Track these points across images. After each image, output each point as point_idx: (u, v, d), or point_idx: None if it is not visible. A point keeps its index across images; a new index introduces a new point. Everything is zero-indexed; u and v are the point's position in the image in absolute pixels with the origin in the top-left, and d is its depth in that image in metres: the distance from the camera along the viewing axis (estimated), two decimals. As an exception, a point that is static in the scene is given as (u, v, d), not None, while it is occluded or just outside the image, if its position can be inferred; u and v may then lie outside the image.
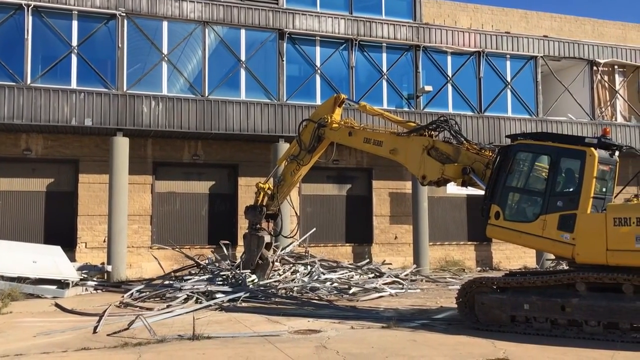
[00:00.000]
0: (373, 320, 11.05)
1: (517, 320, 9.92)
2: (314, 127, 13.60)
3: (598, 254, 9.28)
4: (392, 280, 16.40)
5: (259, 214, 14.37)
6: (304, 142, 13.84)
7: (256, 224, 14.44)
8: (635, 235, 8.96)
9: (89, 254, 18.63)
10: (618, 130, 23.19)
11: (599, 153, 9.69)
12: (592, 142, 9.71)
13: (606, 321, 9.12)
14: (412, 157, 11.79)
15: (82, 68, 17.89)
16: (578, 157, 9.73)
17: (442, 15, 24.74)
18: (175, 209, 19.95)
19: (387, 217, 22.05)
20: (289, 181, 14.26)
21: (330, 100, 13.99)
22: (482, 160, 10.87)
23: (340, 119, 13.71)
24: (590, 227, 9.39)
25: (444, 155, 11.33)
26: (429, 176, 11.46)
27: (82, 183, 18.88)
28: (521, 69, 22.50)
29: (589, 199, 9.50)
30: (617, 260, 9.12)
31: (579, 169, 9.69)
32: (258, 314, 11.72)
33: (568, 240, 9.58)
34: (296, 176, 14.12)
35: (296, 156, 14.01)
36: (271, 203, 14.48)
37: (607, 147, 9.99)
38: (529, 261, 22.55)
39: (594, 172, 9.52)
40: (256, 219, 14.42)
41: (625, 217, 9.07)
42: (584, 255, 9.47)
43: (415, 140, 11.80)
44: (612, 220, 9.17)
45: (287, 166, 14.30)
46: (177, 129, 18.47)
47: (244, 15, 19.52)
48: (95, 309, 12.09)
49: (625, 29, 28.34)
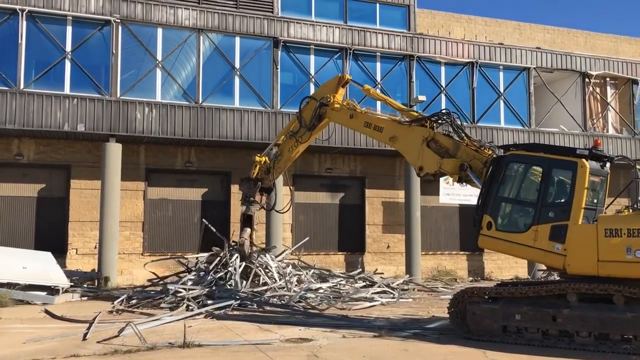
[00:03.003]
0: (365, 329, 11.02)
1: (508, 331, 9.92)
2: (316, 106, 13.49)
3: (589, 265, 9.29)
4: (383, 289, 16.38)
5: (254, 186, 14.37)
6: (305, 119, 13.72)
7: (250, 197, 14.38)
8: (626, 246, 8.99)
9: (79, 260, 18.53)
10: (609, 141, 23.34)
11: (590, 164, 9.73)
12: (584, 153, 9.76)
13: (597, 332, 9.13)
14: (411, 146, 11.69)
15: (76, 74, 17.87)
16: (569, 168, 9.77)
17: (436, 25, 24.90)
18: (167, 215, 19.89)
19: (380, 226, 22.05)
20: (286, 156, 14.23)
21: (335, 80, 13.88)
22: (481, 158, 10.79)
23: (343, 99, 13.60)
24: (581, 238, 9.41)
25: (443, 148, 11.21)
26: (426, 168, 11.37)
27: (73, 189, 18.80)
28: (514, 80, 22.64)
29: (580, 209, 9.53)
30: (608, 272, 9.15)
31: (571, 180, 9.72)
32: (249, 321, 11.67)
33: (559, 251, 9.59)
34: (293, 152, 14.08)
35: (295, 132, 13.93)
36: (266, 177, 14.46)
37: (598, 158, 10.04)
38: (520, 271, 22.60)
39: (585, 183, 9.55)
40: (250, 192, 14.41)
41: (616, 228, 9.09)
42: (575, 266, 9.48)
43: (416, 130, 11.67)
44: (603, 231, 9.19)
45: (286, 142, 14.23)
46: (171, 135, 18.45)
47: (239, 23, 19.57)
48: (85, 316, 11.99)
49: (617, 41, 28.63)
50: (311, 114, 13.59)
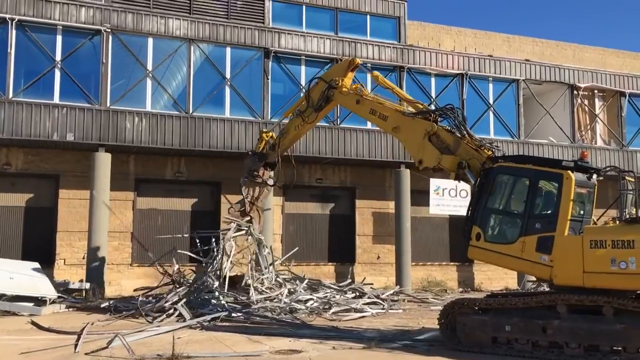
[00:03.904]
0: (355, 340, 10.97)
1: (498, 342, 9.92)
2: (324, 87, 13.59)
3: (575, 276, 9.35)
4: (373, 300, 16.34)
5: (258, 161, 14.55)
6: (313, 99, 13.84)
7: (254, 171, 14.50)
8: (610, 257, 9.06)
9: (67, 271, 18.35)
10: (598, 153, 23.53)
11: (576, 176, 9.82)
12: (569, 165, 9.87)
13: (587, 343, 9.15)
14: (413, 139, 11.74)
15: (66, 83, 17.79)
16: (555, 179, 9.87)
17: (426, 37, 25.07)
18: (156, 225, 19.76)
19: (370, 237, 22.04)
20: (291, 134, 14.40)
21: (345, 63, 14.01)
22: (480, 158, 10.81)
23: (352, 84, 13.67)
24: (567, 249, 9.49)
25: (444, 144, 11.24)
26: (425, 162, 11.44)
27: (62, 199, 18.65)
28: (503, 91, 22.80)
29: (566, 221, 9.61)
30: (594, 283, 9.20)
31: (557, 192, 9.81)
32: (238, 333, 11.59)
33: (546, 262, 9.66)
34: (299, 131, 14.28)
35: (302, 112, 14.07)
36: (271, 152, 14.60)
37: (585, 170, 10.12)
38: (510, 282, 22.64)
39: (571, 194, 9.64)
40: (255, 166, 14.59)
41: (601, 240, 9.17)
42: (561, 277, 9.54)
43: (419, 122, 11.72)
44: (588, 243, 9.26)
45: (292, 120, 14.41)
46: (161, 145, 18.39)
47: (230, 33, 19.60)
48: (73, 327, 11.85)
49: (605, 54, 28.96)
50: (319, 95, 13.71)
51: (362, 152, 20.49)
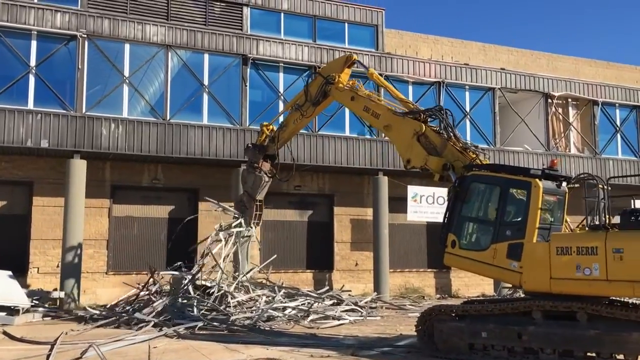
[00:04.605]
0: (333, 348, 10.96)
1: (475, 348, 10.00)
2: (322, 82, 13.81)
3: (543, 282, 9.56)
4: (352, 307, 16.35)
5: (258, 153, 14.88)
6: (311, 93, 14.08)
7: (254, 163, 14.86)
8: (575, 264, 9.25)
9: (41, 280, 18.04)
10: (572, 161, 23.91)
11: (545, 184, 10.05)
12: (537, 173, 10.10)
13: (561, 349, 9.27)
14: (403, 138, 11.94)
15: (40, 89, 17.55)
16: (524, 187, 10.11)
17: (403, 45, 25.28)
18: (133, 233, 19.55)
19: (348, 244, 22.07)
20: (290, 128, 14.69)
21: (342, 59, 14.27)
22: (464, 160, 11.00)
23: (349, 80, 13.87)
24: (535, 255, 9.70)
25: (432, 144, 11.43)
26: (413, 161, 11.65)
27: (36, 206, 18.35)
28: (479, 99, 23.07)
29: (534, 228, 9.83)
30: (560, 288, 9.40)
31: (526, 200, 10.00)
32: (216, 341, 11.50)
33: (516, 269, 9.86)
34: (298, 125, 14.55)
35: (301, 106, 14.29)
36: (271, 145, 14.89)
37: (554, 178, 10.33)
38: (487, 289, 22.84)
39: (539, 202, 9.86)
40: (255, 158, 14.94)
41: (567, 247, 9.38)
42: (530, 283, 9.76)
43: (408, 122, 11.89)
44: (555, 250, 9.46)
45: (291, 114, 14.66)
46: (137, 152, 18.21)
47: (208, 40, 19.54)
48: (47, 337, 11.65)
49: (578, 63, 29.48)
50: (317, 89, 13.91)
51: (341, 159, 20.55)
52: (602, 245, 9.01)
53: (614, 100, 25.05)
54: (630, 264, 8.75)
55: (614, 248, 8.90)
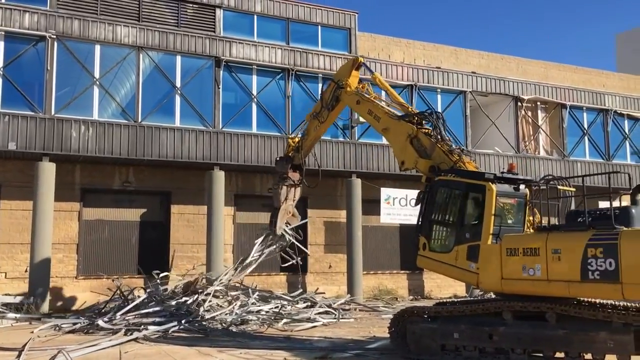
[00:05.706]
0: (306, 350, 10.98)
1: (447, 349, 10.11)
2: (334, 87, 14.24)
3: (495, 283, 9.85)
4: (325, 309, 16.38)
5: (285, 163, 15.44)
6: (325, 100, 14.44)
7: (283, 174, 15.42)
8: (522, 264, 9.50)
9: (9, 285, 17.67)
10: (541, 163, 24.32)
11: (502, 187, 10.33)
12: (490, 177, 10.38)
13: (531, 349, 9.43)
14: (398, 140, 12.21)
15: (8, 90, 17.20)
16: (480, 191, 10.38)
17: (376, 48, 25.42)
18: (103, 237, 19.27)
19: (322, 246, 22.09)
20: (312, 135, 15.09)
21: (349, 63, 14.57)
22: (448, 162, 11.22)
23: (359, 83, 14.18)
24: (489, 257, 9.96)
25: (423, 147, 11.69)
26: (406, 163, 11.93)
27: (3, 210, 17.97)
28: (451, 102, 23.32)
29: (489, 230, 10.07)
30: (510, 288, 9.68)
31: (481, 203, 10.25)
32: (188, 346, 11.41)
33: (474, 270, 10.14)
34: (318, 132, 14.95)
35: (318, 113, 14.67)
36: (297, 155, 15.33)
37: (510, 181, 10.56)
38: (459, 290, 23.08)
39: (492, 205, 10.11)
40: (283, 169, 15.47)
41: (515, 248, 9.65)
42: (485, 284, 10.08)
43: (403, 125, 12.16)
44: (505, 251, 9.72)
45: (311, 122, 15.07)
46: (108, 154, 17.98)
47: (180, 41, 19.39)
48: (14, 344, 11.42)
49: (547, 67, 30.01)
50: (329, 95, 14.32)
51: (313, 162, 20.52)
52: (544, 246, 9.30)
53: (582, 104, 25.57)
54: (566, 264, 9.00)
55: (553, 249, 9.18)
